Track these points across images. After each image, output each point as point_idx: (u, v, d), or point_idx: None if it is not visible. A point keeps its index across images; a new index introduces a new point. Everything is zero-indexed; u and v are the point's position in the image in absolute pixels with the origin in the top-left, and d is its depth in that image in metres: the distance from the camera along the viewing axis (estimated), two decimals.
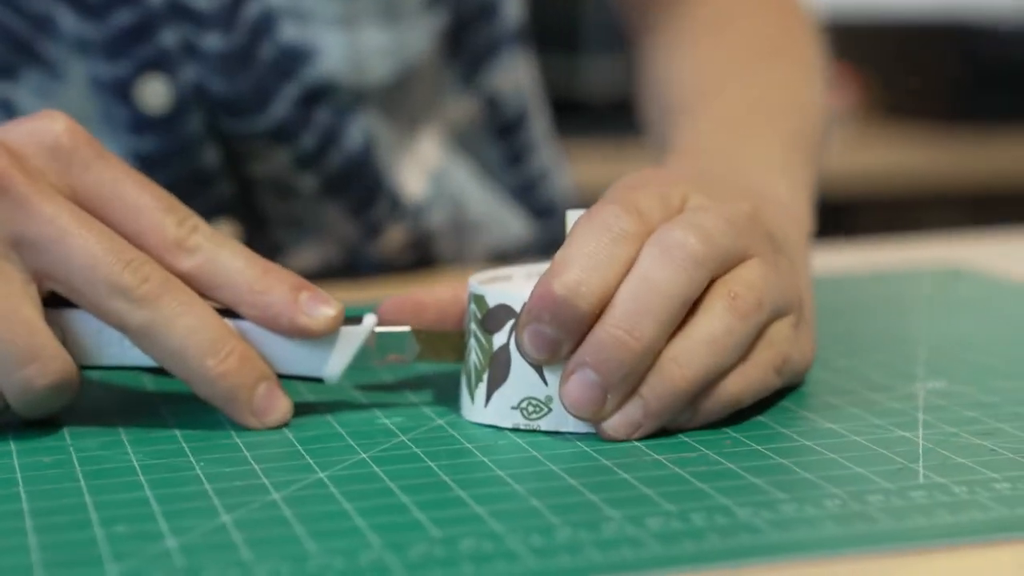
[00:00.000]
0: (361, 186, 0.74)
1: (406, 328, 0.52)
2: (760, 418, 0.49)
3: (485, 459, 0.46)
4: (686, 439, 0.47)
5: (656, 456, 0.45)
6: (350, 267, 0.75)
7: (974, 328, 0.62)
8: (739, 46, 0.77)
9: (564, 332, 0.47)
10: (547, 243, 0.84)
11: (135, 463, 0.46)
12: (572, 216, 0.51)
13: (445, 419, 0.50)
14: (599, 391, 0.46)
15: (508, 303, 0.49)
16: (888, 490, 0.42)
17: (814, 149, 0.69)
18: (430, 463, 0.45)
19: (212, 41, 0.69)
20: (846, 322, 0.63)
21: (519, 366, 0.49)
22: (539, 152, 0.84)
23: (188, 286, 0.49)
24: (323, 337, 0.50)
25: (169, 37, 0.68)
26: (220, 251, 0.50)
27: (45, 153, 0.49)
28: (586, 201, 0.52)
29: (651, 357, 0.47)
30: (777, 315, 0.50)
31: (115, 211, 0.49)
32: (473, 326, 0.50)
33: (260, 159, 0.71)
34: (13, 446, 0.48)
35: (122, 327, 0.48)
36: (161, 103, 0.69)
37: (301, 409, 0.50)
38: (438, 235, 0.78)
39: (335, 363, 0.51)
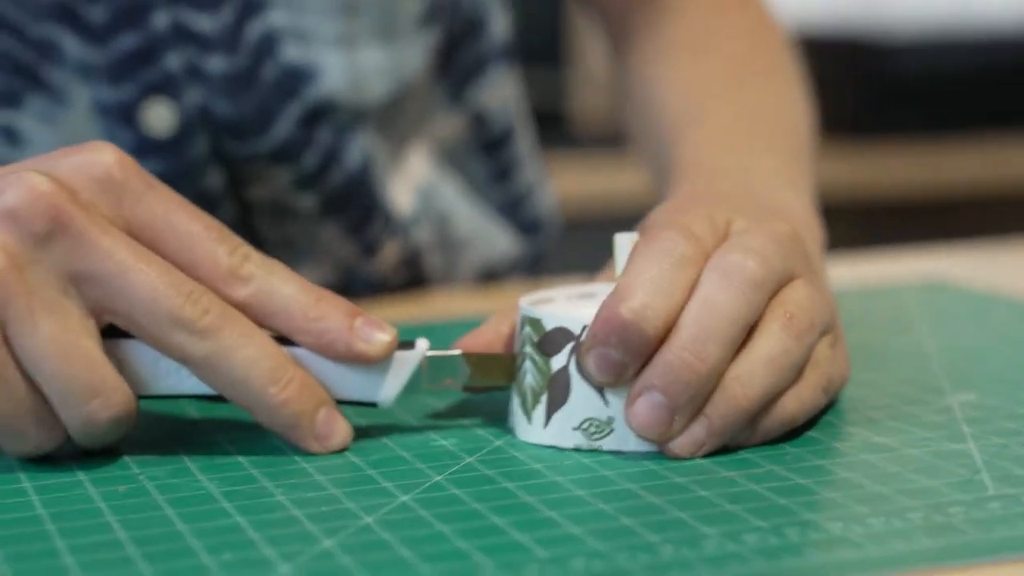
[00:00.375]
0: (359, 204, 0.74)
1: (457, 352, 0.52)
2: (811, 434, 0.51)
3: (559, 479, 0.47)
4: (748, 455, 0.48)
5: (726, 473, 0.47)
6: (344, 288, 0.75)
7: (977, 341, 0.64)
8: (723, 64, 0.78)
9: (630, 355, 0.48)
10: (534, 259, 0.85)
11: (212, 491, 0.46)
12: (621, 239, 0.52)
13: (502, 440, 0.51)
14: (667, 412, 0.48)
15: (566, 326, 0.50)
16: (964, 502, 0.43)
17: (809, 162, 0.71)
18: (506, 484, 0.46)
19: (216, 63, 0.69)
20: (852, 337, 0.65)
21: (580, 388, 0.50)
22: (525, 168, 0.85)
23: (243, 315, 0.49)
24: (377, 363, 0.50)
25: (173, 60, 0.68)
26: (272, 279, 0.50)
27: (96, 186, 0.49)
28: (571, 216, 0.53)
29: (716, 378, 0.48)
30: (823, 334, 0.51)
31: (168, 242, 0.49)
32: (528, 349, 0.51)
33: (261, 181, 0.72)
34: (82, 476, 0.47)
35: (184, 359, 0.48)
36: (166, 127, 0.68)
37: (356, 433, 0.51)
38: (426, 251, 0.79)
39: (389, 388, 0.51)
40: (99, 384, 0.47)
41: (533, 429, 0.51)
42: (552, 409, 0.50)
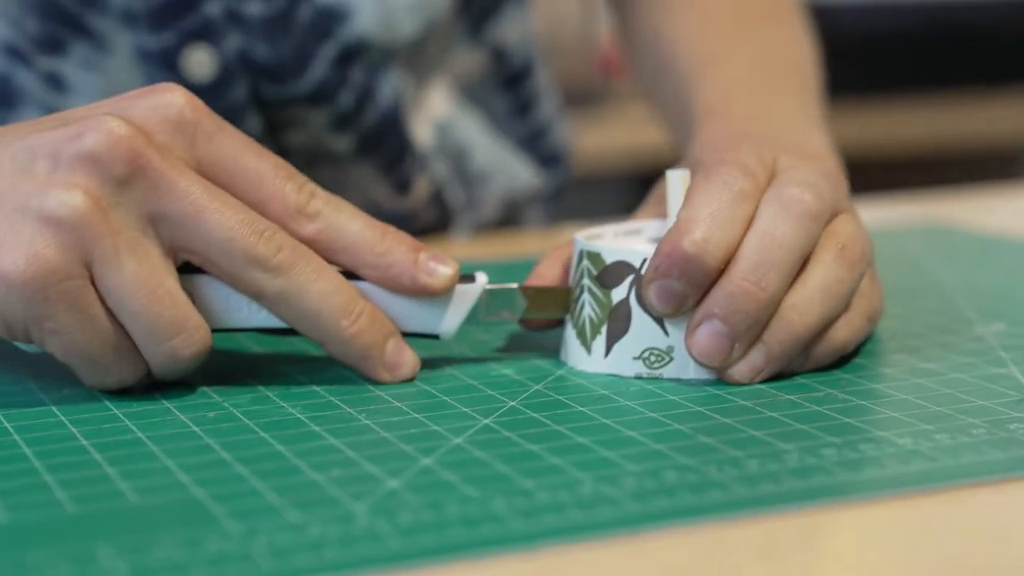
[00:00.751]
0: (393, 143, 0.76)
1: (514, 285, 0.54)
2: (859, 360, 0.53)
3: (629, 403, 0.49)
4: (804, 380, 0.51)
5: (788, 396, 0.49)
6: None
7: (992, 278, 0.67)
8: (730, 9, 0.80)
9: (691, 287, 0.50)
10: (556, 191, 0.87)
11: (299, 416, 0.48)
12: (673, 176, 0.54)
13: (562, 370, 0.53)
14: (727, 340, 0.50)
15: (627, 259, 0.52)
16: (1022, 419, 0.46)
17: (820, 103, 0.73)
18: (580, 408, 0.48)
19: (254, 7, 0.70)
20: None
21: (640, 318, 0.52)
22: (544, 102, 0.87)
23: (312, 250, 0.51)
24: (441, 295, 0.52)
25: (213, 7, 0.69)
26: (339, 215, 0.52)
27: (170, 127, 0.50)
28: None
29: (774, 306, 0.50)
30: (868, 266, 0.54)
31: (239, 181, 0.51)
32: (587, 282, 0.53)
33: (298, 125, 0.73)
34: (168, 404, 0.49)
35: (259, 295, 0.50)
36: (206, 72, 0.70)
37: (421, 365, 0.53)
38: (447, 185, 0.81)
39: (451, 319, 0.53)
40: (182, 321, 0.49)
41: (592, 359, 0.53)
42: (612, 339, 0.52)
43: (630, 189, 1.81)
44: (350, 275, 0.52)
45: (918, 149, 2.23)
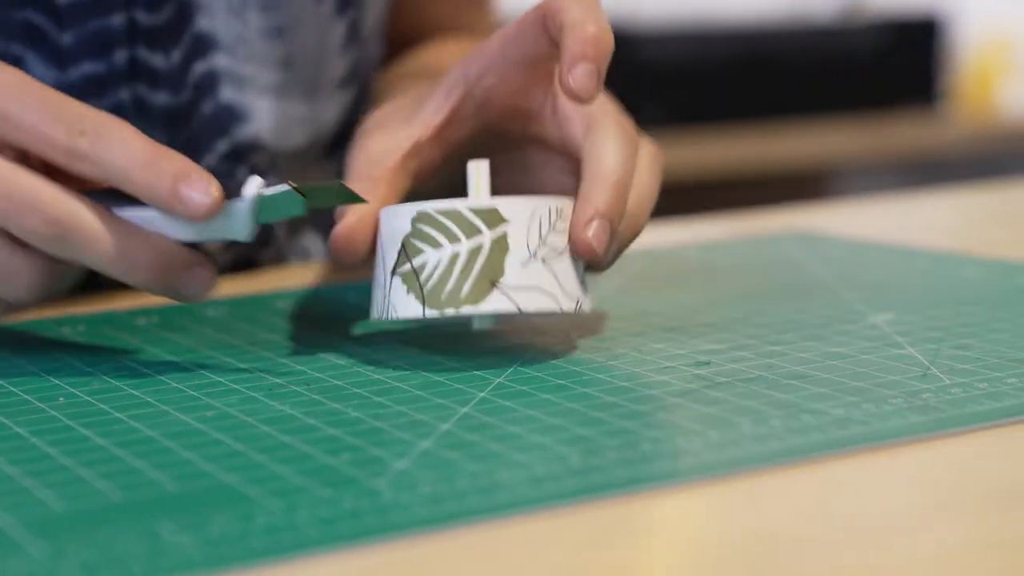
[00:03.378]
0: (267, 247, 0.84)
1: (285, 186, 0.57)
2: (774, 347, 0.59)
3: (586, 390, 0.54)
4: (735, 366, 0.57)
5: (723, 379, 0.55)
6: None
7: (869, 276, 0.74)
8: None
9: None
10: None
11: (292, 412, 0.52)
12: (472, 166, 0.59)
13: (516, 364, 0.58)
14: (611, 235, 0.58)
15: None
16: (931, 389, 0.53)
17: None
18: (546, 395, 0.53)
19: (161, 98, 0.75)
20: (762, 278, 0.74)
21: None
22: None
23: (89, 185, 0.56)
24: (207, 218, 0.56)
25: (125, 93, 0.74)
26: (106, 151, 0.55)
27: None
28: None
29: None
30: None
31: (14, 136, 0.55)
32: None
33: None
34: (165, 407, 0.53)
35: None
36: None
37: (378, 372, 0.57)
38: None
39: (239, 228, 0.56)
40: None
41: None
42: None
43: None
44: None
45: (720, 175, 2.32)
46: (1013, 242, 0.86)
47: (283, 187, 0.57)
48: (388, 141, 0.63)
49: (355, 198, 0.58)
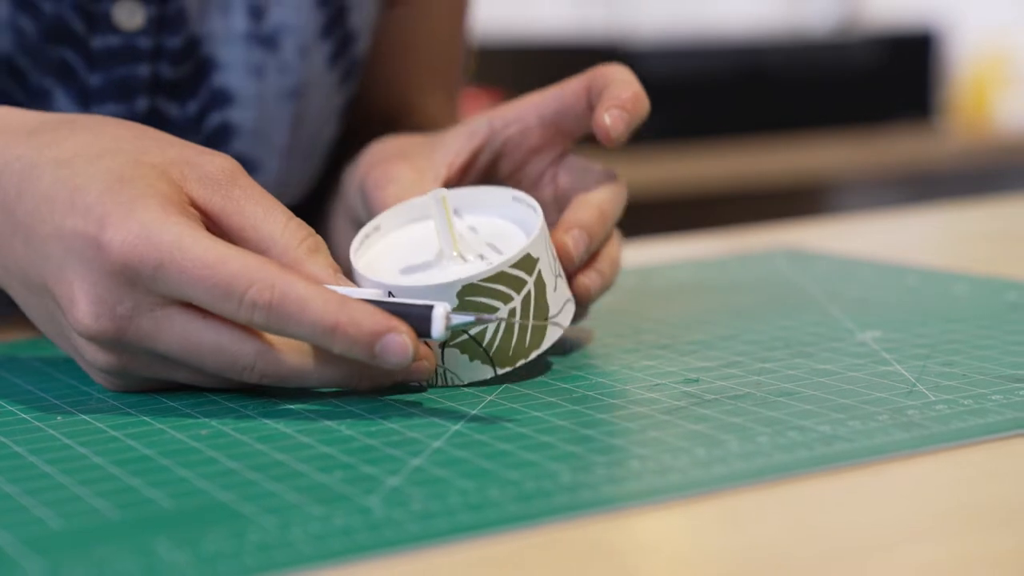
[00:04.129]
0: None
1: (471, 317, 0.55)
2: (764, 365, 0.60)
3: (577, 408, 0.55)
4: (725, 383, 0.57)
5: (713, 396, 0.56)
6: None
7: (858, 293, 0.75)
8: None
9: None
10: None
11: (286, 430, 0.53)
12: (434, 197, 0.59)
13: (507, 383, 0.59)
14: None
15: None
16: (916, 406, 0.53)
17: None
18: (536, 413, 0.54)
19: None
20: (753, 295, 0.75)
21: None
22: None
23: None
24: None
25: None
26: (285, 323, 0.53)
27: (127, 287, 0.54)
28: None
29: None
30: None
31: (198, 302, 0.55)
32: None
33: None
34: (160, 424, 0.54)
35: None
36: None
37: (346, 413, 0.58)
38: None
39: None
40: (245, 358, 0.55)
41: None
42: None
43: None
44: None
45: (716, 190, 2.33)
46: (1004, 259, 0.87)
47: (469, 319, 0.55)
48: (415, 175, 0.65)
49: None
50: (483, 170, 0.67)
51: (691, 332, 0.67)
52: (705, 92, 2.39)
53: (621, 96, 0.63)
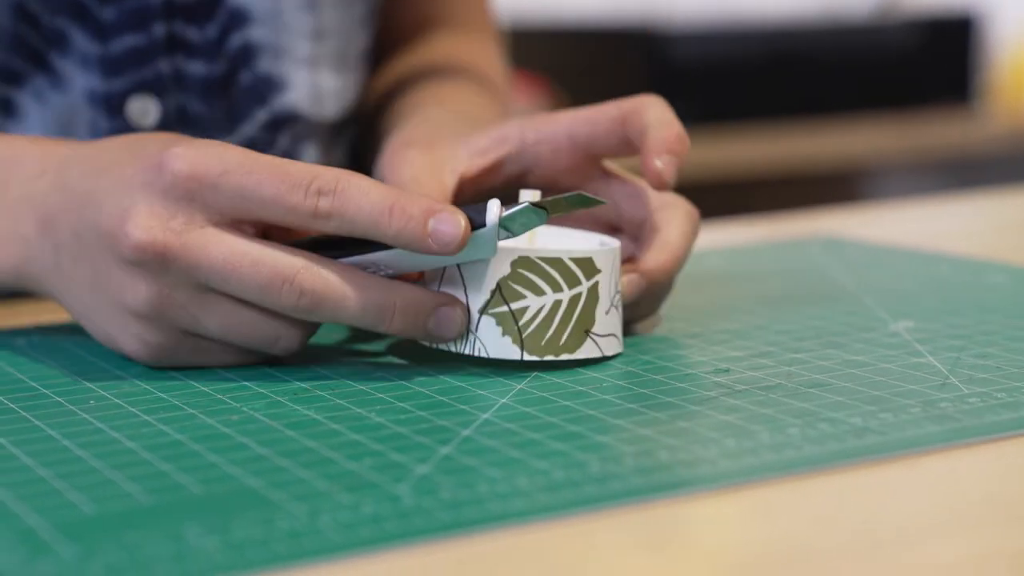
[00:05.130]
0: None
1: (525, 204, 0.57)
2: (794, 355, 0.60)
3: (607, 397, 0.55)
4: (756, 374, 0.57)
5: (744, 386, 0.56)
6: None
7: (892, 282, 0.75)
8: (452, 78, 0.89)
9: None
10: None
11: (316, 416, 0.53)
12: (525, 194, 0.61)
13: (538, 370, 0.59)
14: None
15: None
16: (948, 399, 0.53)
17: None
18: (565, 402, 0.54)
19: (198, 68, 0.78)
20: (786, 283, 0.75)
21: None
22: None
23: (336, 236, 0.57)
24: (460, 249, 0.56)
25: (164, 64, 0.76)
26: (347, 205, 0.55)
27: (184, 205, 0.56)
28: None
29: None
30: None
31: (254, 214, 0.56)
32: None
33: None
34: (192, 410, 0.54)
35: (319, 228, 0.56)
36: (148, 120, 0.77)
37: (415, 370, 0.58)
38: None
39: (486, 250, 0.57)
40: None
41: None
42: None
43: None
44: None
45: (753, 175, 2.32)
46: None
47: (523, 205, 0.57)
48: (433, 165, 0.65)
49: (594, 202, 0.59)
50: (510, 179, 0.66)
51: (722, 321, 0.67)
52: (741, 76, 2.38)
53: (668, 139, 0.63)
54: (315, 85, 0.82)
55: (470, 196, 0.65)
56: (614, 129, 0.64)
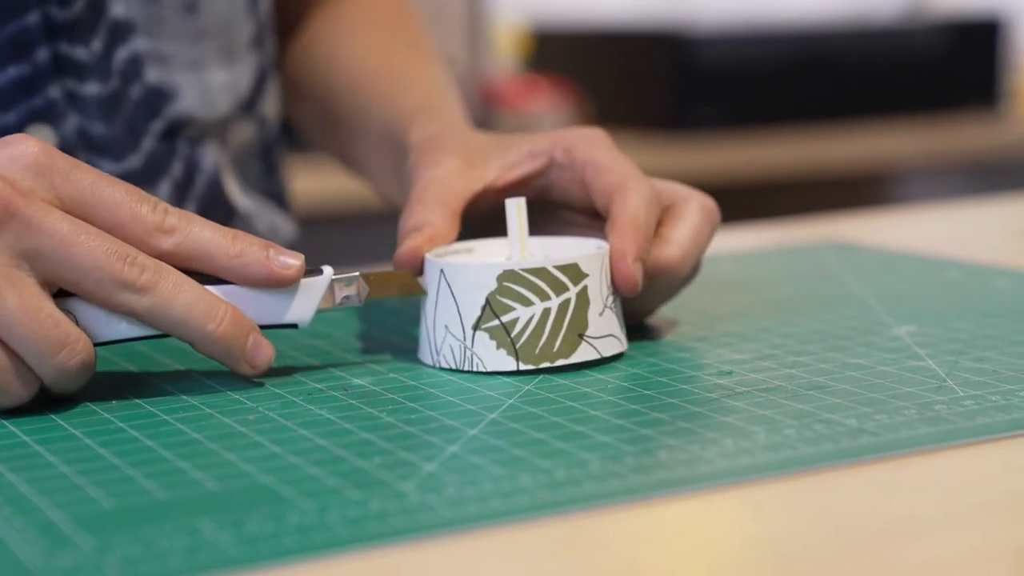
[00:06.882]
0: (222, 207, 0.84)
1: (356, 273, 0.61)
2: (797, 358, 0.62)
3: (611, 398, 0.57)
4: (757, 375, 0.59)
5: (744, 388, 0.57)
6: None
7: (898, 287, 0.76)
8: (389, 35, 0.91)
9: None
10: (304, 237, 0.95)
11: (329, 416, 0.55)
12: (511, 203, 0.63)
13: (532, 383, 0.61)
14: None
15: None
16: (943, 401, 0.55)
17: None
18: (571, 403, 0.56)
19: (91, 88, 0.77)
20: (793, 287, 0.77)
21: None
22: (282, 163, 0.95)
23: (171, 262, 0.57)
24: (291, 288, 0.59)
25: (55, 89, 0.75)
26: (192, 227, 0.58)
27: (30, 174, 0.57)
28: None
29: None
30: None
31: (99, 210, 0.57)
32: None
33: None
34: (210, 410, 0.56)
35: (131, 313, 0.57)
36: None
37: (425, 372, 0.60)
38: None
39: (305, 309, 0.60)
40: (64, 337, 0.55)
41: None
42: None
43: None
44: (210, 280, 0.58)
45: (779, 177, 2.33)
46: None
47: (353, 273, 0.60)
48: (464, 169, 0.67)
49: (416, 289, 0.62)
50: (531, 190, 0.68)
51: (728, 324, 0.68)
52: (766, 79, 2.38)
53: (637, 243, 0.62)
54: (203, 86, 0.82)
55: (494, 205, 0.67)
56: (604, 204, 0.65)
